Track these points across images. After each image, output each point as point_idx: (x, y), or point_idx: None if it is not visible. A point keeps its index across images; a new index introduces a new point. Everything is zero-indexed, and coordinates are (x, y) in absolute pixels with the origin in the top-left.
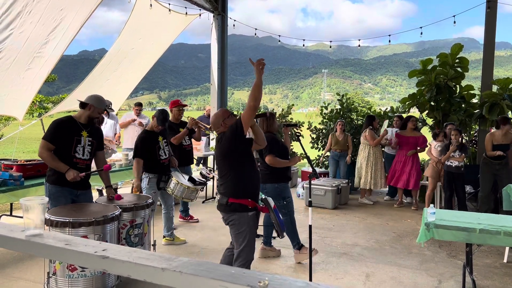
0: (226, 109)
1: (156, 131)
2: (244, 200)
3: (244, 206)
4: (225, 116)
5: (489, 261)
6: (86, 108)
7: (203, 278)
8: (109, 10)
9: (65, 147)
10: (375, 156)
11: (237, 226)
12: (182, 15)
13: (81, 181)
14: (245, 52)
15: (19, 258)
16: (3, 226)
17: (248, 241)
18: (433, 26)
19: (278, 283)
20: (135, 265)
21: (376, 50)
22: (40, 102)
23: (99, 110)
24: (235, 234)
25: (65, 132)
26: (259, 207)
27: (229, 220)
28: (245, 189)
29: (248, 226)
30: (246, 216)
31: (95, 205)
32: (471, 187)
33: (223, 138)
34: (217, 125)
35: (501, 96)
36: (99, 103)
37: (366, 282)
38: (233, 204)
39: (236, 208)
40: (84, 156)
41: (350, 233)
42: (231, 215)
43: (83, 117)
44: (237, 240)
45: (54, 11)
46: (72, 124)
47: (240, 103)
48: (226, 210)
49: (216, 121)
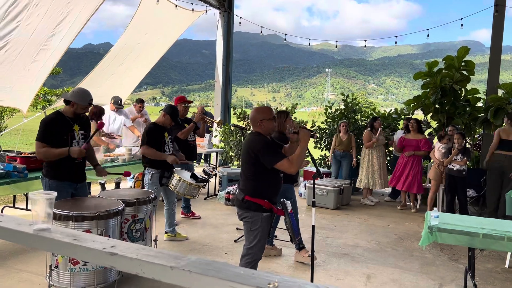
0: (272, 109)
1: (162, 126)
2: (260, 200)
3: (259, 206)
4: (266, 117)
5: (491, 265)
6: (70, 105)
7: (212, 278)
8: (115, 4)
9: (60, 145)
10: (376, 156)
11: (250, 224)
12: (188, 11)
13: (79, 174)
14: (249, 50)
15: (21, 250)
16: (11, 219)
17: (258, 241)
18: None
19: (287, 285)
20: (144, 262)
21: (381, 51)
22: (44, 94)
23: (82, 106)
24: (247, 231)
25: (57, 129)
26: (274, 209)
27: (243, 216)
28: (264, 190)
29: (261, 226)
30: (260, 216)
31: (98, 199)
32: (473, 191)
33: (255, 150)
34: (255, 122)
35: (507, 101)
36: (82, 99)
37: (367, 284)
38: (248, 202)
39: (250, 206)
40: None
41: (352, 234)
42: (244, 212)
43: (68, 112)
44: (248, 237)
45: (61, 4)
46: (62, 120)
47: (243, 101)
48: (241, 206)
49: (256, 117)
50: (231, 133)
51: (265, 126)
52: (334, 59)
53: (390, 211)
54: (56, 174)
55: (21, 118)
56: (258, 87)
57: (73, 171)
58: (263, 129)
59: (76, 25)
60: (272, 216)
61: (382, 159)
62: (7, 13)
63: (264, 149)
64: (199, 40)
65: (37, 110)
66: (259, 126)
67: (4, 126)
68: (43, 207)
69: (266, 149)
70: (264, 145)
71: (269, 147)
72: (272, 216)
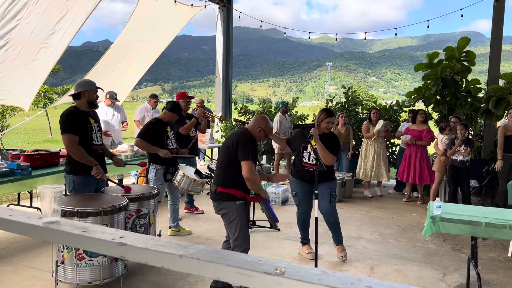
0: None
1: (166, 122)
2: (232, 190)
3: (231, 195)
4: (265, 128)
5: (493, 254)
6: (82, 96)
7: (220, 265)
8: (113, 1)
9: (83, 137)
10: (374, 148)
11: (227, 215)
12: (187, 6)
13: (102, 166)
14: (249, 45)
15: (27, 247)
16: (20, 213)
17: (240, 229)
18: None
19: (295, 271)
20: (153, 252)
21: (381, 43)
22: (44, 92)
23: (94, 91)
24: (227, 224)
25: (78, 122)
26: (248, 197)
27: (218, 209)
28: (235, 180)
29: (238, 214)
30: (233, 205)
31: (103, 195)
32: (475, 181)
33: (239, 141)
34: (255, 127)
35: (508, 91)
36: (89, 85)
37: (370, 274)
38: (220, 193)
39: (223, 197)
40: (98, 142)
41: (354, 226)
42: (219, 203)
43: (83, 105)
44: (230, 229)
45: (60, 2)
46: (78, 113)
47: (244, 96)
48: (215, 199)
49: (259, 123)
50: (232, 128)
51: (260, 135)
52: (334, 53)
53: (393, 203)
54: (80, 170)
55: (23, 117)
56: (259, 82)
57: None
58: (257, 135)
59: (75, 22)
60: (247, 204)
61: (382, 151)
62: (7, 12)
63: (246, 143)
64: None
65: (38, 109)
66: (255, 131)
67: (6, 125)
68: (52, 200)
69: (248, 145)
70: (248, 140)
71: (252, 145)
72: (247, 204)
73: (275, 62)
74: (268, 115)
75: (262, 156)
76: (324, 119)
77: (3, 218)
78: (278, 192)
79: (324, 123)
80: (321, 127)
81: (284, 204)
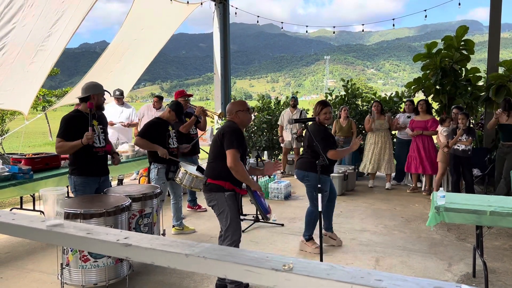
0: (246, 102)
1: (166, 121)
2: (221, 182)
3: (220, 187)
4: (241, 108)
5: (499, 243)
6: (90, 101)
7: (228, 263)
8: (109, 1)
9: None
10: (378, 141)
11: (217, 206)
12: (183, 4)
13: (102, 168)
14: (246, 41)
15: (32, 250)
16: (23, 217)
17: (231, 220)
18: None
19: (303, 266)
20: (159, 251)
21: (378, 35)
22: (43, 95)
23: (102, 94)
24: (217, 215)
25: (79, 126)
26: (237, 189)
27: (209, 200)
28: (224, 172)
29: (227, 205)
30: (222, 196)
31: (106, 196)
32: (478, 170)
33: (225, 132)
34: (231, 113)
35: (508, 78)
36: (97, 88)
37: (376, 267)
38: (210, 184)
39: (212, 188)
40: (101, 144)
41: (358, 219)
42: (209, 195)
43: (88, 108)
44: (221, 220)
45: (56, 3)
46: (81, 117)
47: (242, 92)
48: (205, 190)
49: (231, 108)
50: None
51: (241, 117)
52: (331, 46)
53: (396, 194)
54: (81, 171)
55: (23, 121)
56: (257, 78)
57: (97, 166)
58: (239, 120)
59: (71, 24)
60: (237, 195)
61: (387, 144)
62: (2, 15)
63: (231, 134)
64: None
65: (37, 112)
66: (235, 116)
67: (6, 129)
68: (55, 203)
69: (233, 135)
70: (233, 131)
71: (237, 135)
72: (236, 195)
73: (273, 57)
74: (267, 110)
75: (264, 151)
76: (321, 111)
77: (7, 223)
78: (281, 187)
79: (322, 115)
80: (321, 120)
81: (286, 199)
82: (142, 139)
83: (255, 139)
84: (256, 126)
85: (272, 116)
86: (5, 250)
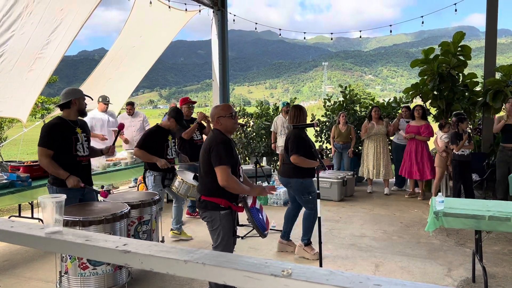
0: (230, 106)
1: (167, 129)
2: (216, 199)
3: (215, 205)
4: (222, 114)
5: (498, 248)
6: (72, 105)
7: (227, 269)
8: (107, 9)
9: (66, 148)
10: (375, 146)
11: (210, 223)
12: (182, 11)
13: (85, 179)
14: (244, 47)
15: (30, 258)
16: (22, 224)
17: (222, 239)
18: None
19: (302, 272)
20: (158, 258)
21: (376, 41)
22: (42, 103)
23: (82, 98)
24: (210, 231)
25: (61, 133)
26: (233, 206)
27: (203, 216)
28: (220, 188)
29: (221, 224)
30: (217, 215)
31: (104, 203)
32: (476, 175)
33: (211, 147)
34: (213, 118)
35: (505, 83)
36: (76, 92)
37: (375, 272)
38: (204, 201)
39: (207, 206)
40: (84, 153)
41: (357, 224)
42: (203, 211)
43: (72, 114)
44: (213, 237)
45: (54, 11)
46: (64, 124)
47: (241, 99)
48: (199, 207)
49: (214, 113)
50: None
51: (223, 124)
52: (329, 52)
53: (395, 200)
54: (63, 182)
55: (21, 128)
56: (255, 84)
57: (80, 176)
58: (221, 126)
59: (70, 32)
60: (233, 213)
61: (383, 149)
62: (1, 23)
63: (217, 148)
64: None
65: (36, 119)
66: (217, 123)
67: (4, 136)
68: (53, 210)
69: (219, 148)
70: (218, 143)
71: (224, 147)
72: (232, 213)
73: (271, 64)
74: (266, 116)
75: (263, 157)
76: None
77: (5, 230)
78: (280, 193)
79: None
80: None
81: (286, 205)
82: (140, 150)
83: (254, 145)
84: (254, 132)
85: (271, 122)
86: (4, 258)
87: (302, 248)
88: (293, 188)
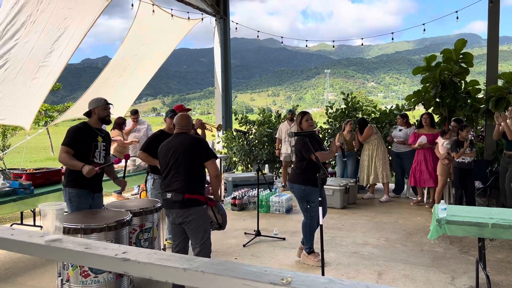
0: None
1: (170, 134)
2: (198, 196)
3: (198, 201)
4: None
5: (502, 256)
6: (93, 114)
7: (226, 277)
8: (110, 18)
9: (84, 153)
10: (370, 153)
11: (196, 220)
12: (184, 20)
13: (96, 184)
14: (247, 55)
15: (31, 266)
16: (22, 232)
17: (208, 234)
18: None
19: (301, 280)
20: (157, 266)
21: (378, 49)
22: (45, 111)
23: (102, 107)
24: (195, 229)
25: (83, 138)
26: (209, 201)
27: (185, 216)
28: (200, 186)
29: (206, 218)
30: (202, 210)
31: (106, 210)
32: (479, 182)
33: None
34: (190, 128)
35: (507, 90)
36: (97, 102)
37: (378, 281)
38: (189, 199)
39: (192, 203)
40: (100, 161)
41: (360, 232)
42: (187, 210)
43: (93, 122)
44: (197, 235)
45: (58, 20)
46: (88, 130)
47: (244, 106)
48: (183, 206)
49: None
50: (233, 138)
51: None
52: (331, 60)
53: (397, 207)
54: (75, 183)
55: (24, 136)
56: (258, 91)
57: (91, 181)
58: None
59: (73, 40)
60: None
61: (379, 152)
62: (5, 32)
63: (206, 144)
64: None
65: (39, 127)
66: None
67: (7, 144)
68: (54, 218)
69: (207, 145)
70: (202, 141)
71: (206, 143)
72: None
73: (274, 71)
74: (268, 124)
75: (265, 165)
76: (301, 119)
77: (5, 238)
78: (282, 201)
79: (304, 123)
80: (306, 128)
81: (288, 212)
82: (143, 153)
83: (256, 153)
84: (257, 140)
85: (273, 129)
86: (5, 266)
87: (306, 256)
88: (295, 193)
